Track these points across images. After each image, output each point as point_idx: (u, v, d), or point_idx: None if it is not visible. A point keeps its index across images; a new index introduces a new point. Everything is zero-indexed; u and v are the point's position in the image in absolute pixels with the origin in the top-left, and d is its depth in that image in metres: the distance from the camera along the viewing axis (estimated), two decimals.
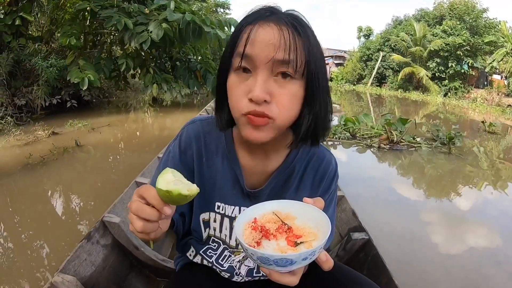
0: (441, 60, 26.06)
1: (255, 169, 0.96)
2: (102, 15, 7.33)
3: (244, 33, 0.75)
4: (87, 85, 7.09)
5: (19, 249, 2.66)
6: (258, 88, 0.71)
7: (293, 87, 0.75)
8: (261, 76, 0.73)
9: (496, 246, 3.27)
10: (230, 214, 0.98)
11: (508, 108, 19.74)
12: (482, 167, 6.01)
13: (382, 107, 16.54)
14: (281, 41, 0.71)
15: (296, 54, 0.72)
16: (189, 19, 7.35)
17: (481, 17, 26.38)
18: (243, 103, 0.75)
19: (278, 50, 0.71)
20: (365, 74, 34.50)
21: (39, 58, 7.25)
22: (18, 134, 5.60)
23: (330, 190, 1.03)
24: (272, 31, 0.72)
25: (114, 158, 5.41)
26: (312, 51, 0.74)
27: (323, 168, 1.00)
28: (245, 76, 0.75)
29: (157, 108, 10.82)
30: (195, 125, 0.99)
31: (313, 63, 0.75)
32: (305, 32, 0.75)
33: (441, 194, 4.57)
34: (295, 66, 0.72)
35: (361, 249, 1.86)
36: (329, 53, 45.49)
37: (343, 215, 2.22)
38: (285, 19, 0.74)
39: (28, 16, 7.34)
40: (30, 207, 3.37)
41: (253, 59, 0.73)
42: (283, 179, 0.97)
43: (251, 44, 0.72)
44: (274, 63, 0.72)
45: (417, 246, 3.11)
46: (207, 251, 1.04)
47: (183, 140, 0.97)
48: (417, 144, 7.00)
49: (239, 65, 0.74)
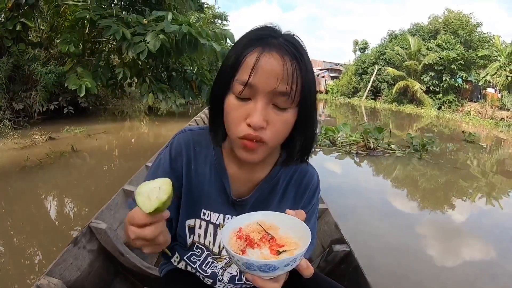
0: (435, 74, 26.28)
1: (241, 179, 1.00)
2: (101, 25, 7.49)
3: (248, 60, 0.77)
4: (85, 92, 7.23)
5: (9, 251, 2.72)
6: (258, 115, 0.75)
7: (287, 115, 0.79)
8: (261, 104, 0.76)
9: (491, 259, 3.34)
10: (215, 221, 1.00)
11: (501, 121, 19.98)
12: (447, 170, 6.73)
13: (376, 120, 16.66)
14: (284, 73, 0.74)
15: (296, 86, 0.76)
16: (185, 31, 7.52)
17: (475, 32, 26.83)
18: (240, 127, 0.78)
19: (281, 82, 0.74)
20: (360, 87, 34.69)
21: (38, 64, 7.36)
22: (15, 138, 5.71)
23: (311, 203, 1.06)
24: (275, 62, 0.75)
25: (109, 164, 5.51)
26: (307, 80, 0.79)
27: (305, 182, 1.04)
28: (245, 102, 0.78)
29: (152, 117, 10.91)
30: (185, 134, 1.02)
31: (308, 91, 0.79)
32: (303, 61, 0.78)
33: (413, 194, 5.33)
34: (293, 98, 0.76)
35: (342, 260, 1.89)
36: (325, 66, 45.87)
37: (326, 227, 2.25)
38: (286, 47, 0.77)
39: (29, 22, 7.49)
40: (24, 210, 3.45)
41: (255, 88, 0.76)
42: (267, 190, 1.01)
43: (255, 73, 0.75)
44: (274, 93, 0.76)
45: (382, 243, 3.27)
46: (191, 257, 1.06)
47: (173, 148, 0.99)
48: (392, 151, 7.68)
49: (239, 93, 0.77)
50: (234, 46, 0.83)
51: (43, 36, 9.16)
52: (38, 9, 7.97)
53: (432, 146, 8.25)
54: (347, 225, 3.20)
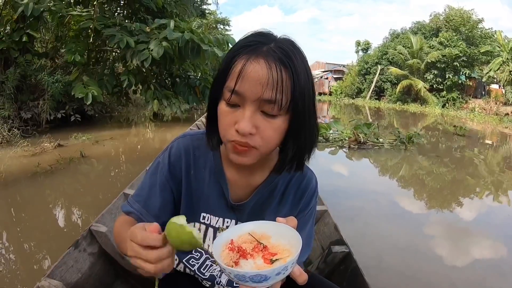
0: (439, 72, 26.25)
1: (240, 183, 1.00)
2: (106, 34, 7.65)
3: (235, 67, 0.77)
4: (91, 100, 7.38)
5: (18, 253, 2.81)
6: (245, 122, 0.75)
7: (277, 122, 0.78)
8: (248, 111, 0.76)
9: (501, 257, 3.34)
10: (215, 225, 1.02)
11: (506, 116, 19.88)
12: (431, 158, 7.74)
13: (381, 120, 16.67)
14: (269, 80, 0.73)
15: (282, 93, 0.75)
16: (187, 38, 7.66)
17: (476, 28, 26.78)
18: (230, 132, 0.79)
19: (266, 90, 0.74)
20: (363, 88, 34.63)
21: (45, 73, 7.50)
22: (25, 146, 5.85)
23: (309, 207, 1.06)
24: (260, 69, 0.74)
25: (116, 169, 5.61)
26: (299, 86, 0.77)
27: (304, 186, 1.04)
28: (235, 109, 0.79)
29: (158, 123, 11.00)
30: (185, 139, 1.02)
31: (300, 98, 0.77)
32: (294, 66, 0.76)
33: (400, 180, 6.21)
34: (280, 105, 0.75)
35: (342, 262, 1.88)
36: (328, 67, 45.78)
37: (326, 229, 2.24)
38: (274, 53, 0.76)
39: (35, 33, 7.64)
40: (34, 214, 3.55)
41: (242, 95, 0.76)
42: (266, 194, 1.01)
43: (241, 81, 0.75)
44: (261, 101, 0.75)
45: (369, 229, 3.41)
46: (190, 260, 1.07)
47: (173, 153, 1.00)
48: (380, 144, 8.56)
49: (228, 100, 0.78)
50: (227, 52, 0.83)
51: (48, 46, 9.32)
52: (43, 20, 8.11)
53: (419, 138, 9.26)
54: (337, 209, 3.28)
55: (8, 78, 7.12)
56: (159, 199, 0.98)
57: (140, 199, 0.99)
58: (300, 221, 1.03)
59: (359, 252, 1.92)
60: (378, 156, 7.69)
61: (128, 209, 0.98)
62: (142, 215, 0.96)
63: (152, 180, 1.00)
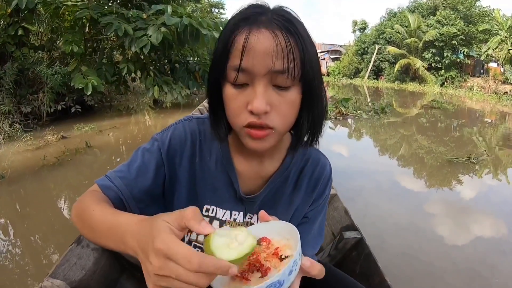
0: (437, 50, 26.20)
1: (249, 174, 0.93)
2: (103, 22, 7.52)
3: (236, 43, 0.70)
4: (91, 90, 7.30)
5: (23, 248, 2.81)
6: (259, 100, 0.69)
7: (291, 94, 0.73)
8: (260, 88, 0.70)
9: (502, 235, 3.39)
10: (221, 217, 0.93)
11: (505, 95, 19.86)
12: (394, 120, 10.22)
13: (380, 99, 16.72)
14: (277, 49, 0.68)
15: (294, 60, 0.69)
16: (186, 22, 7.55)
17: (474, 6, 26.48)
18: (243, 115, 0.72)
19: (276, 60, 0.68)
20: (361, 68, 34.59)
21: (43, 66, 7.41)
22: (28, 140, 5.80)
23: (323, 196, 1.02)
24: (266, 40, 0.68)
25: (119, 158, 5.61)
26: (307, 52, 0.71)
27: (317, 173, 0.99)
28: (243, 88, 0.72)
29: (158, 110, 10.96)
30: (192, 123, 0.93)
31: (309, 64, 0.72)
32: (298, 32, 0.71)
33: (375, 140, 8.01)
34: (293, 74, 0.69)
35: (354, 248, 1.83)
36: (325, 48, 45.57)
37: (336, 214, 2.17)
38: (276, 21, 0.70)
39: (30, 26, 7.51)
40: (42, 208, 3.55)
41: (250, 72, 0.69)
42: (278, 184, 0.95)
43: (246, 56, 0.68)
44: (272, 73, 0.69)
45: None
46: None
47: (176, 135, 0.90)
48: (359, 114, 10.59)
49: (234, 80, 0.71)
50: (223, 31, 0.75)
51: (44, 39, 9.18)
52: (36, 13, 7.98)
53: (389, 108, 11.70)
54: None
55: (6, 73, 7.01)
56: (149, 182, 0.86)
57: (125, 175, 0.85)
58: (314, 212, 1.04)
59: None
60: (357, 123, 9.66)
61: (106, 184, 0.84)
62: (123, 195, 0.83)
63: (145, 159, 0.87)
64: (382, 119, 10.03)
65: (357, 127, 9.33)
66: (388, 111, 11.08)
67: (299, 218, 1.02)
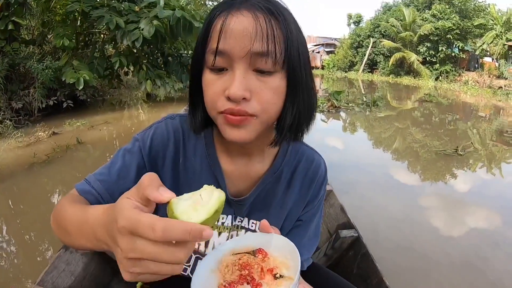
0: (432, 44, 26.17)
1: (237, 174, 0.88)
2: (94, 15, 7.40)
3: (215, 26, 0.66)
4: (83, 85, 7.20)
5: (20, 249, 2.77)
6: (236, 84, 0.63)
7: (274, 81, 0.67)
8: (239, 71, 0.65)
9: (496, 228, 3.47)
10: None
11: (499, 90, 19.95)
12: (386, 114, 10.51)
13: (374, 93, 16.76)
14: (257, 30, 0.63)
15: (274, 43, 0.64)
16: (179, 15, 7.45)
17: (470, 1, 26.39)
18: (220, 101, 0.67)
19: (255, 41, 0.63)
20: (356, 61, 34.49)
21: (34, 61, 7.29)
22: (19, 136, 5.70)
23: (318, 197, 0.98)
24: (246, 20, 0.64)
25: (112, 154, 5.55)
26: (291, 37, 0.66)
27: (312, 172, 0.94)
28: (222, 73, 0.67)
29: (151, 104, 10.87)
30: (175, 121, 0.88)
31: (294, 50, 0.67)
32: (283, 16, 0.66)
33: (370, 131, 8.42)
34: (274, 58, 0.64)
35: (351, 247, 1.80)
36: (320, 41, 45.35)
37: (331, 211, 2.12)
38: (259, 4, 0.66)
39: (20, 20, 7.37)
40: (34, 205, 3.50)
41: (228, 54, 0.65)
42: (269, 185, 0.90)
43: (224, 37, 0.64)
44: (251, 56, 0.64)
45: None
46: None
47: (158, 135, 0.86)
48: (351, 107, 10.95)
49: (213, 63, 0.66)
50: (206, 18, 0.71)
51: (35, 33, 9.04)
52: (27, 7, 7.84)
53: (382, 102, 11.93)
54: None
55: None
56: (130, 185, 0.75)
57: (105, 178, 0.80)
58: (309, 214, 0.99)
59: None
60: (349, 117, 9.98)
61: (85, 188, 0.79)
62: (103, 199, 0.78)
63: (126, 160, 0.83)
64: (374, 112, 10.41)
65: (349, 120, 9.68)
66: (379, 104, 11.43)
67: (293, 221, 0.98)
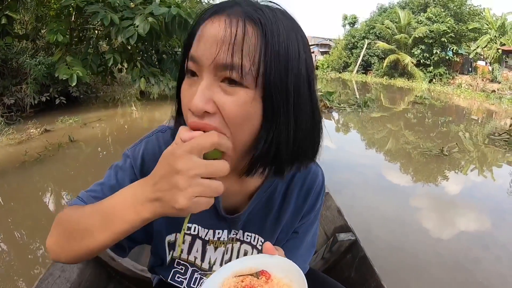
0: (426, 47, 26.25)
1: (231, 190, 0.81)
2: (88, 11, 7.31)
3: (196, 31, 0.62)
4: (76, 81, 7.11)
5: (12, 248, 2.75)
6: (197, 96, 0.58)
7: (242, 95, 0.59)
8: (203, 82, 0.59)
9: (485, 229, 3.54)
10: (204, 237, 0.86)
11: (492, 93, 20.11)
12: (378, 115, 10.93)
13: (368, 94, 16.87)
14: (225, 38, 0.57)
15: (241, 55, 0.57)
16: (174, 13, 7.37)
17: (465, 4, 26.63)
18: (188, 113, 0.61)
19: (221, 50, 0.57)
20: (350, 62, 34.53)
21: (27, 56, 7.20)
22: (10, 133, 5.63)
23: (315, 208, 0.94)
24: (218, 27, 0.58)
25: (108, 152, 5.48)
26: (274, 51, 0.59)
27: (309, 182, 0.90)
28: (194, 80, 0.62)
29: (144, 101, 10.83)
30: (166, 134, 0.84)
31: (276, 66, 0.59)
32: (266, 23, 0.59)
33: (360, 132, 8.93)
34: (240, 72, 0.57)
35: (348, 250, 1.77)
36: (315, 41, 45.41)
37: (328, 213, 2.09)
38: (244, 10, 0.60)
39: (14, 14, 7.27)
40: (27, 205, 3.45)
41: (198, 61, 0.60)
42: (264, 199, 0.86)
43: (197, 42, 0.60)
44: (216, 66, 0.58)
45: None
46: (175, 276, 0.92)
47: (150, 149, 0.82)
48: (343, 107, 11.38)
49: (187, 70, 0.63)
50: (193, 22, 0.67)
51: (28, 27, 8.93)
52: (21, 0, 7.72)
53: (372, 102, 12.39)
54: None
55: None
56: None
57: (98, 195, 0.77)
58: (305, 225, 0.96)
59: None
60: (341, 117, 10.51)
61: (80, 205, 0.76)
62: None
63: (118, 177, 0.80)
64: (365, 113, 10.83)
65: (341, 120, 10.17)
66: (370, 105, 11.86)
67: (289, 233, 0.95)
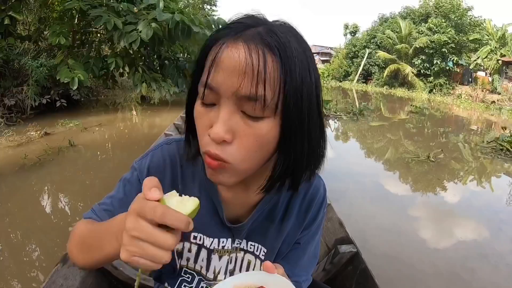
0: (426, 57, 26.43)
1: (235, 201, 0.85)
2: (92, 15, 7.33)
3: (210, 55, 0.61)
4: (77, 85, 7.10)
5: (5, 247, 2.72)
6: (219, 125, 0.58)
7: (262, 127, 0.60)
8: (224, 111, 0.59)
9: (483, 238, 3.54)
10: (209, 246, 0.87)
11: (492, 104, 20.18)
12: (371, 124, 11.19)
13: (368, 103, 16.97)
14: (247, 69, 0.56)
15: (264, 87, 0.57)
16: (178, 19, 7.41)
17: (466, 15, 26.81)
18: (205, 138, 0.62)
19: (244, 82, 0.56)
20: (351, 71, 34.67)
21: (29, 57, 7.19)
22: (10, 135, 5.58)
23: (316, 220, 0.95)
24: (237, 55, 0.57)
25: (108, 158, 5.45)
26: (292, 78, 0.59)
27: (310, 195, 0.91)
28: (211, 106, 0.62)
29: (145, 106, 10.80)
30: (171, 146, 0.85)
31: (294, 93, 0.59)
32: (285, 54, 0.58)
33: (358, 140, 9.18)
34: (263, 103, 0.57)
35: (349, 262, 1.78)
36: (316, 49, 45.73)
37: (330, 225, 2.12)
38: (260, 36, 0.59)
39: (17, 15, 7.28)
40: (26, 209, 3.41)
41: (216, 90, 0.59)
42: (266, 211, 0.88)
43: (215, 71, 0.59)
44: (238, 97, 0.58)
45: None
46: (182, 284, 0.92)
47: (155, 162, 0.84)
48: (339, 116, 11.71)
49: (202, 97, 0.62)
50: (206, 40, 0.65)
51: (31, 29, 8.94)
52: (25, 1, 7.73)
53: (367, 110, 12.92)
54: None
55: None
56: None
57: (108, 208, 0.82)
58: (307, 237, 0.96)
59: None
60: (337, 124, 10.77)
61: (93, 217, 0.82)
62: None
63: (126, 190, 0.83)
64: (361, 121, 11.24)
65: (335, 127, 10.42)
66: (365, 114, 12.32)
67: (291, 245, 0.95)
